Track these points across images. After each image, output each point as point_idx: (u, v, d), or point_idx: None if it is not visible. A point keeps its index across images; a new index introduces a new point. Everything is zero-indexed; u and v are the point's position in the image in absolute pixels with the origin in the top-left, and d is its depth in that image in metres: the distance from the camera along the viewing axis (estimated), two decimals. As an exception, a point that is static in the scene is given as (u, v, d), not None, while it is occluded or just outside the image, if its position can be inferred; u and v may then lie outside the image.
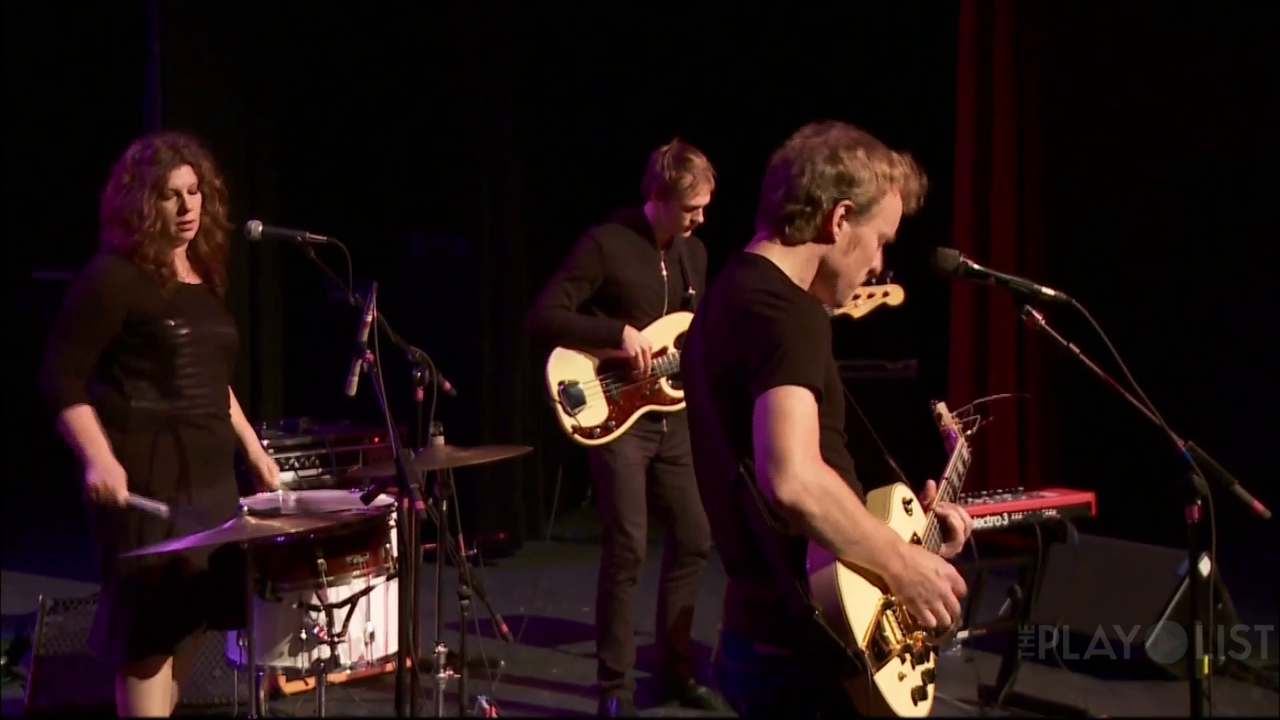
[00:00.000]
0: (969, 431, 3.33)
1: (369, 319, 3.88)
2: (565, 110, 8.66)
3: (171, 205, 3.95)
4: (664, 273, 5.18)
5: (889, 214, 2.79)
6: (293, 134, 8.26)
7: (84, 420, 3.88)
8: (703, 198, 5.07)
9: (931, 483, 2.97)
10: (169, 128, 5.44)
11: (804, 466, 2.48)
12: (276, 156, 7.99)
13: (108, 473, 3.84)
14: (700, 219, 5.13)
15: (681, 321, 5.16)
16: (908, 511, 2.81)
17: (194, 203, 3.99)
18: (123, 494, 3.85)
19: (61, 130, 9.10)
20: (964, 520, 2.89)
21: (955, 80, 7.55)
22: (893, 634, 2.60)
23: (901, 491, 2.82)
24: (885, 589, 2.61)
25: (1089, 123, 7.77)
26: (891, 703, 2.57)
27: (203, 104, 7.14)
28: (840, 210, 2.74)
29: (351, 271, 3.95)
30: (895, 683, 2.59)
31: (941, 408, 3.41)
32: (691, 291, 5.25)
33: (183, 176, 3.97)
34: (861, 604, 2.56)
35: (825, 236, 2.76)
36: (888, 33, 8.34)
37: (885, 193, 2.76)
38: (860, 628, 2.54)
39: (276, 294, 7.97)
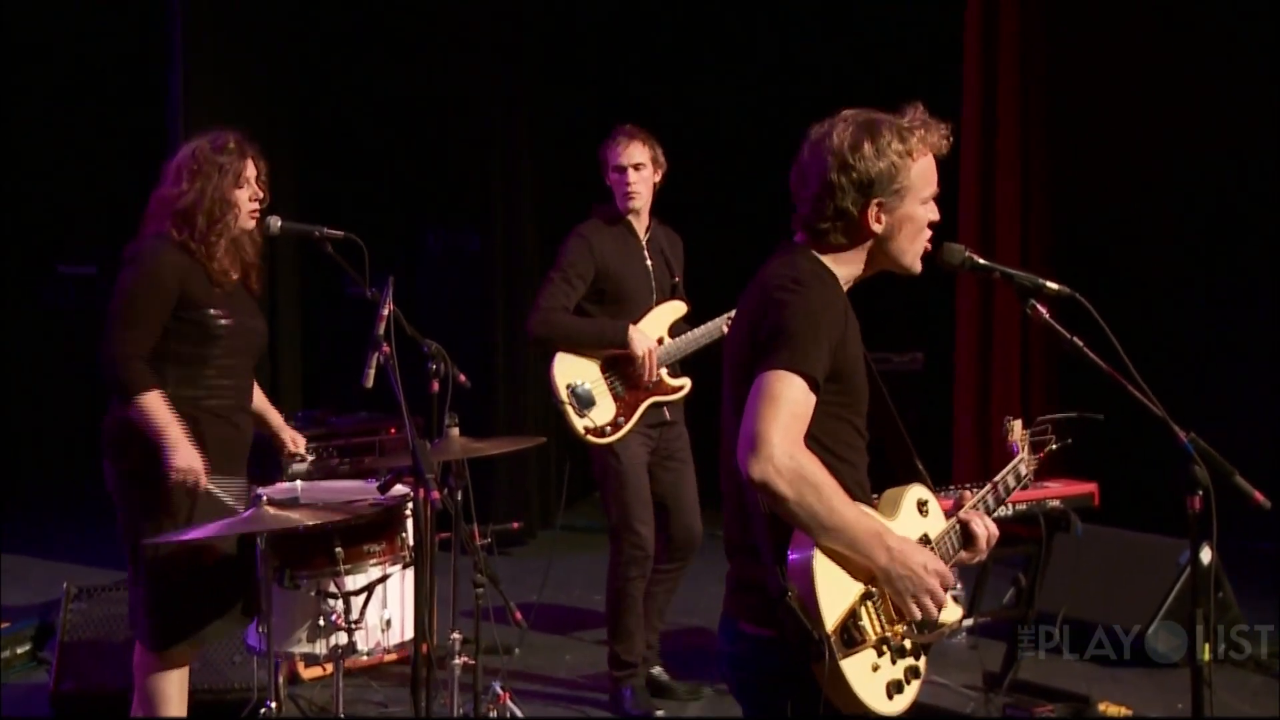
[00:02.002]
0: (1050, 447, 3.20)
1: (385, 313, 3.90)
2: (577, 109, 8.71)
3: (245, 193, 4.07)
4: (648, 262, 5.21)
5: (922, 178, 2.74)
6: (311, 133, 8.34)
7: (159, 405, 3.91)
8: (627, 155, 5.09)
9: (966, 492, 2.96)
10: (190, 127, 5.52)
11: (779, 449, 2.46)
12: (295, 155, 8.05)
13: (192, 458, 3.90)
14: (633, 184, 5.11)
15: (673, 311, 5.22)
16: (922, 513, 2.79)
17: (260, 192, 4.12)
18: (204, 480, 3.92)
19: (85, 128, 9.15)
20: (988, 529, 2.83)
21: (960, 78, 7.56)
22: (870, 624, 2.58)
23: (918, 492, 2.80)
24: (872, 580, 2.58)
25: (1092, 120, 7.78)
26: (859, 691, 2.55)
27: (223, 103, 7.19)
28: (873, 209, 2.69)
29: (368, 266, 4.01)
30: (867, 673, 2.56)
31: (1016, 424, 3.28)
32: (677, 280, 5.28)
33: (253, 166, 4.10)
34: (838, 591, 2.55)
35: (866, 235, 2.72)
36: (892, 31, 8.37)
37: (909, 166, 2.70)
38: (832, 614, 2.52)
39: (295, 288, 8.07)
